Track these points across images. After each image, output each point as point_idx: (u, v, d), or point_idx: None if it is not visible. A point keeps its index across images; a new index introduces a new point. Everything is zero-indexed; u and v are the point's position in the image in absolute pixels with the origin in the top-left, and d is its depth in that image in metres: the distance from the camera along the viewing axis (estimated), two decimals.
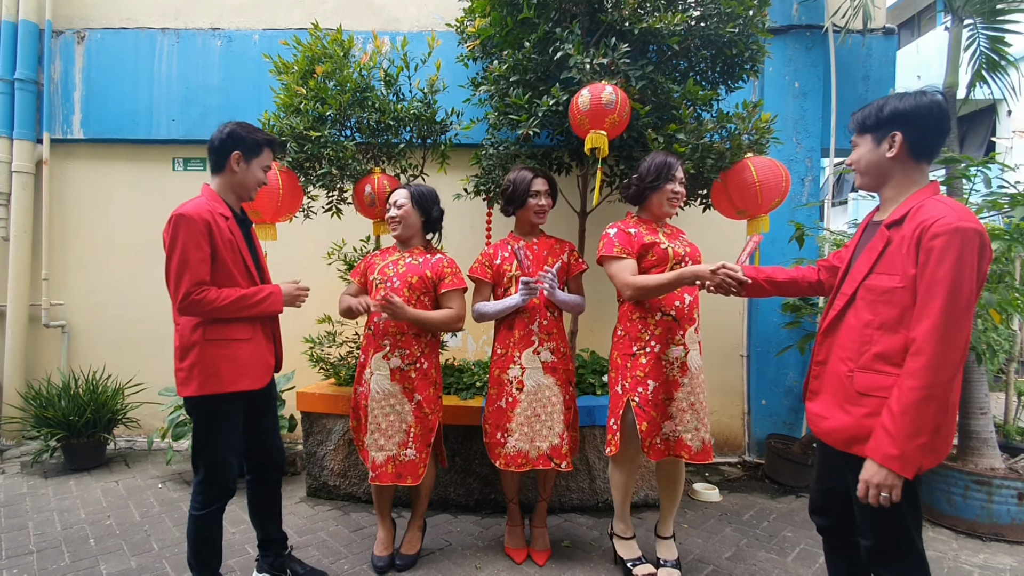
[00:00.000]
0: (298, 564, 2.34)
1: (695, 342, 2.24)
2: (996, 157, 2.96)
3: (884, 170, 1.50)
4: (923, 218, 1.35)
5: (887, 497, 1.34)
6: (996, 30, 3.32)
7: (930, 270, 1.31)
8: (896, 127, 1.44)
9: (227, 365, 1.91)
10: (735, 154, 2.69)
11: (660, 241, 2.23)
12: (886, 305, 1.41)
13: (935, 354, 1.29)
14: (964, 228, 1.29)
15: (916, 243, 1.35)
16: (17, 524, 2.80)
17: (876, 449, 1.35)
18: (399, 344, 2.29)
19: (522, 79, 2.83)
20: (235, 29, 4.11)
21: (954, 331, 1.29)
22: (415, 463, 2.28)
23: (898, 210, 1.44)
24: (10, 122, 4.01)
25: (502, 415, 2.40)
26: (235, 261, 1.94)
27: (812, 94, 3.88)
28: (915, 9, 11.92)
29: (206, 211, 1.87)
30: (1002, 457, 2.99)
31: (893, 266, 1.41)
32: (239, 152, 2.00)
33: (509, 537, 2.59)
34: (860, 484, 1.39)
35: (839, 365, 1.51)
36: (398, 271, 2.32)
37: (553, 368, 2.40)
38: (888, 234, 1.44)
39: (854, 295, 1.50)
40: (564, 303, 2.42)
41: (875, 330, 1.43)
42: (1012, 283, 3.22)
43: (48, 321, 4.06)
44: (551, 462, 2.33)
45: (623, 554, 2.38)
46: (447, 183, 3.37)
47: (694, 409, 2.20)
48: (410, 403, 2.30)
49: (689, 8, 2.78)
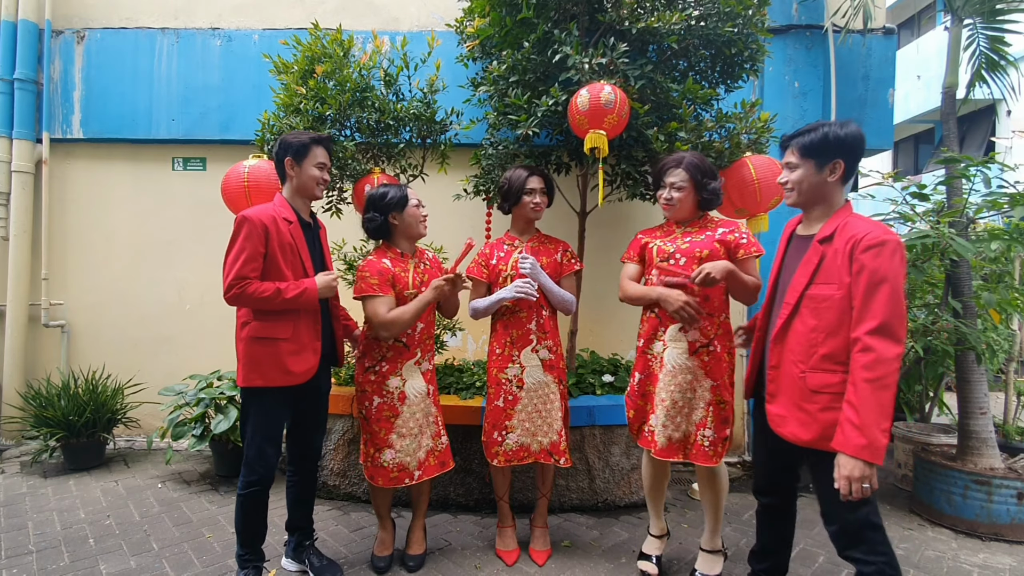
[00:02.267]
0: (316, 556, 2.38)
1: (678, 340, 2.16)
2: (996, 157, 2.97)
3: (822, 192, 1.69)
4: (852, 233, 1.57)
5: (868, 488, 1.46)
6: (996, 30, 3.32)
7: (865, 277, 1.51)
8: (840, 155, 1.64)
9: (268, 362, 2.06)
10: (734, 153, 2.69)
11: (651, 241, 2.28)
12: (828, 311, 1.60)
13: (882, 348, 1.46)
14: (889, 240, 1.51)
15: (849, 255, 1.55)
16: (17, 524, 2.80)
17: (846, 443, 1.48)
18: (427, 348, 2.40)
19: (521, 79, 2.83)
20: (235, 29, 4.11)
21: (895, 326, 1.48)
22: (448, 447, 2.43)
23: (827, 227, 1.66)
24: (9, 122, 4.01)
25: (500, 414, 2.42)
26: (290, 262, 2.09)
27: (812, 94, 3.88)
28: (915, 9, 11.92)
29: (268, 215, 2.05)
30: (1002, 457, 2.99)
31: (831, 276, 1.60)
32: (290, 158, 2.15)
33: (500, 539, 2.58)
34: (841, 482, 1.49)
35: (792, 368, 1.67)
36: (423, 280, 2.35)
37: (551, 366, 2.44)
38: (822, 249, 1.64)
39: (798, 304, 1.67)
40: (551, 291, 2.41)
41: (820, 334, 1.61)
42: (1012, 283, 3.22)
43: (48, 321, 4.05)
44: (551, 457, 2.38)
45: (643, 548, 2.45)
46: (447, 183, 3.38)
47: (664, 406, 2.17)
48: (431, 397, 2.40)
49: (688, 7, 2.77)
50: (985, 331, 3.06)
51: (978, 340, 2.80)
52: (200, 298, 4.13)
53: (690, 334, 2.16)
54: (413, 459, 2.30)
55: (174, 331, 4.14)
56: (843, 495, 1.49)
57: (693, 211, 2.25)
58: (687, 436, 2.17)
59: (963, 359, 3.04)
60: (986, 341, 2.96)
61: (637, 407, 2.30)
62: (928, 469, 3.04)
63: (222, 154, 4.06)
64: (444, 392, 3.14)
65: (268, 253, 2.04)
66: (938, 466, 2.98)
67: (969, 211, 2.98)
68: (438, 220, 3.72)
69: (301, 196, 2.20)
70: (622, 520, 2.93)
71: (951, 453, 3.16)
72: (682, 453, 2.17)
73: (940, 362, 3.70)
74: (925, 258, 2.83)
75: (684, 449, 2.17)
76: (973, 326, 2.89)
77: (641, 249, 2.32)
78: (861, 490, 1.46)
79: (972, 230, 3.13)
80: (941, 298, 3.02)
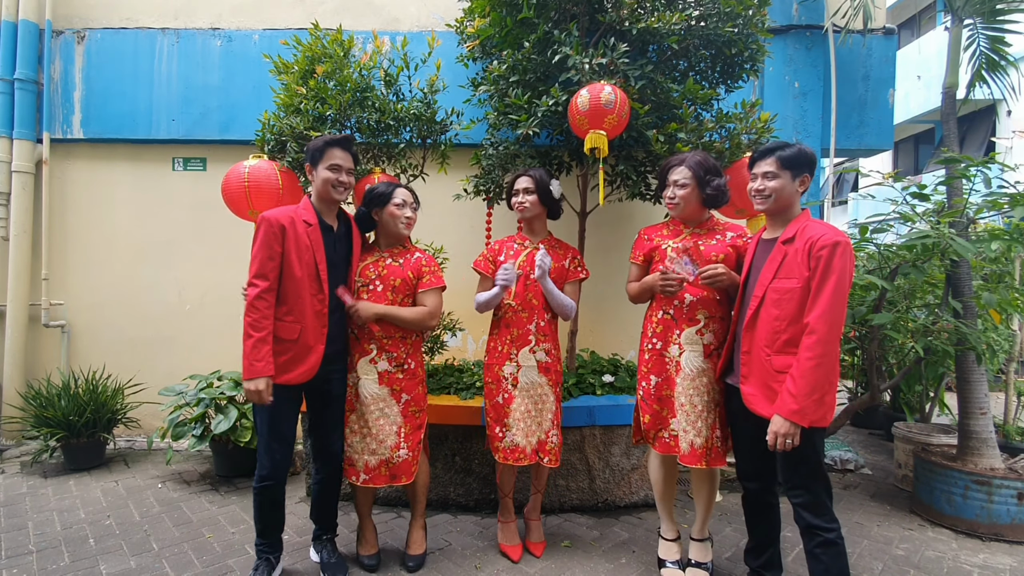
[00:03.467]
0: (328, 551, 2.40)
1: (694, 343, 2.19)
2: (996, 157, 2.96)
3: (790, 201, 1.95)
4: (810, 235, 1.83)
5: (790, 443, 1.78)
6: (996, 30, 3.32)
7: (820, 271, 1.77)
8: (807, 171, 1.93)
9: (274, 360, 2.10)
10: (734, 154, 2.69)
11: (663, 242, 2.28)
12: (789, 302, 1.84)
13: (824, 332, 1.74)
14: (841, 241, 1.77)
15: (807, 253, 1.81)
16: (17, 524, 2.80)
17: (782, 407, 1.79)
18: (386, 347, 2.29)
19: (522, 79, 2.83)
20: (235, 29, 4.11)
21: (837, 313, 1.75)
22: (408, 462, 2.30)
23: (789, 230, 1.91)
24: (10, 122, 4.01)
25: (500, 410, 2.45)
26: (305, 264, 2.12)
27: (812, 94, 3.88)
28: (915, 9, 11.92)
29: (286, 216, 2.11)
30: (1002, 457, 2.99)
31: (791, 271, 1.85)
32: (308, 163, 2.22)
33: (503, 533, 2.59)
34: (769, 435, 1.81)
35: (760, 352, 1.92)
36: (380, 273, 2.31)
37: (547, 368, 2.45)
38: (785, 248, 1.90)
39: (764, 297, 1.92)
40: (552, 294, 2.41)
41: (783, 322, 1.86)
42: (1012, 283, 3.22)
43: (48, 321, 4.06)
44: (537, 455, 2.41)
45: (659, 553, 2.44)
46: (447, 183, 3.38)
47: (684, 410, 2.18)
48: (398, 404, 2.31)
49: (688, 8, 2.78)
50: (985, 331, 3.05)
51: (978, 340, 2.80)
52: (200, 298, 4.13)
53: (705, 337, 2.18)
54: (360, 459, 2.28)
55: (174, 331, 4.14)
56: (770, 445, 1.81)
57: (699, 210, 2.24)
58: (708, 441, 2.16)
59: (963, 359, 3.04)
60: (986, 341, 2.96)
61: (654, 412, 2.26)
62: (928, 469, 3.04)
63: (222, 154, 4.07)
64: (444, 392, 3.14)
65: (284, 252, 2.09)
66: (938, 466, 2.98)
67: (969, 211, 2.98)
68: (438, 220, 3.74)
69: (320, 199, 2.22)
70: (622, 520, 2.93)
71: (951, 453, 3.16)
72: (704, 460, 2.14)
73: (940, 362, 3.70)
74: (925, 258, 2.83)
75: (706, 455, 2.14)
76: (973, 326, 2.89)
77: (650, 251, 2.31)
78: (784, 444, 1.78)
79: (972, 230, 3.12)
80: (941, 298, 3.02)
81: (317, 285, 2.15)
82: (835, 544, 1.84)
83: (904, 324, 2.86)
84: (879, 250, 3.05)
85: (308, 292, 2.13)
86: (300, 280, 2.10)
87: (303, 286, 2.11)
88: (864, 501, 3.31)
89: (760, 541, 2.19)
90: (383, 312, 2.25)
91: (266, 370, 2.04)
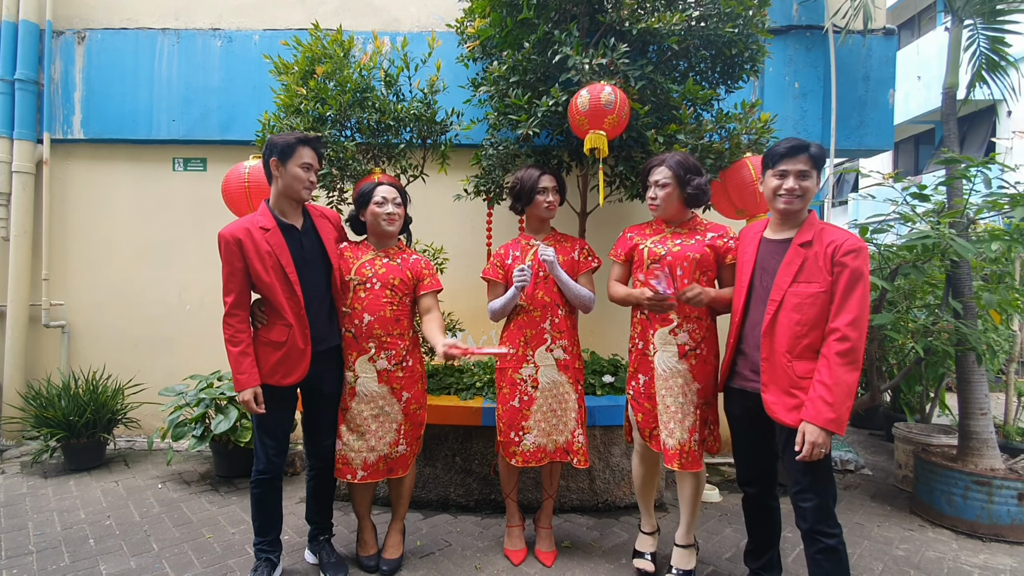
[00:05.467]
0: (327, 552, 2.40)
1: (668, 343, 2.18)
2: (996, 157, 2.96)
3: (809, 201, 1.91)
4: (831, 239, 1.80)
5: (823, 452, 1.75)
6: (996, 30, 3.32)
7: (846, 277, 1.74)
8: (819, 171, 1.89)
9: (263, 362, 2.15)
10: (734, 154, 2.69)
11: (642, 243, 2.29)
12: (811, 307, 1.80)
13: (856, 338, 1.72)
14: (863, 246, 1.77)
15: (831, 258, 1.78)
16: (17, 524, 2.80)
17: (817, 416, 1.73)
18: (384, 346, 2.27)
19: (522, 80, 2.83)
20: (235, 29, 4.11)
21: (865, 319, 1.74)
22: (406, 456, 2.34)
23: (804, 233, 1.86)
24: (10, 122, 4.01)
25: (516, 414, 2.40)
26: (269, 268, 2.10)
27: (812, 94, 3.88)
28: (915, 9, 11.92)
29: (241, 229, 2.09)
30: (1002, 458, 2.99)
31: (813, 276, 1.81)
32: (275, 158, 2.12)
33: (509, 538, 2.58)
34: (806, 446, 1.74)
35: (780, 358, 1.86)
36: (376, 271, 2.29)
37: (566, 366, 2.42)
38: (804, 252, 1.84)
39: (782, 301, 1.85)
40: (567, 287, 2.38)
41: (804, 327, 1.81)
42: (1012, 283, 3.22)
43: (48, 321, 4.06)
44: (567, 455, 2.40)
45: (636, 545, 2.47)
46: (447, 183, 3.38)
47: (658, 411, 2.19)
48: (399, 402, 2.30)
49: (688, 8, 2.78)
50: (986, 332, 3.05)
51: (978, 341, 2.80)
52: (200, 298, 4.14)
53: (679, 337, 2.17)
54: (358, 457, 2.27)
55: (174, 331, 4.14)
56: (801, 457, 1.75)
57: (680, 209, 2.24)
58: (682, 443, 2.14)
59: (963, 360, 3.04)
60: (986, 342, 2.96)
61: (646, 411, 2.28)
62: (929, 470, 3.04)
63: (222, 154, 4.07)
64: (444, 392, 3.14)
65: (248, 265, 2.08)
66: (939, 467, 2.98)
67: (969, 212, 2.98)
68: (438, 220, 3.74)
69: (286, 198, 2.17)
70: (622, 521, 2.93)
71: (952, 454, 3.16)
72: (677, 462, 2.12)
73: (941, 363, 3.70)
74: (925, 259, 2.83)
75: (680, 457, 2.13)
76: (973, 327, 2.89)
77: (630, 250, 2.33)
78: (820, 454, 1.74)
79: (972, 231, 3.13)
80: (941, 299, 3.02)
81: (289, 287, 2.13)
82: (837, 550, 1.82)
83: (904, 324, 2.86)
84: (879, 250, 3.05)
85: (282, 295, 2.12)
86: (271, 285, 2.10)
87: (275, 290, 2.11)
88: (864, 502, 3.31)
89: (760, 543, 2.20)
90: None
91: (250, 381, 2.09)
